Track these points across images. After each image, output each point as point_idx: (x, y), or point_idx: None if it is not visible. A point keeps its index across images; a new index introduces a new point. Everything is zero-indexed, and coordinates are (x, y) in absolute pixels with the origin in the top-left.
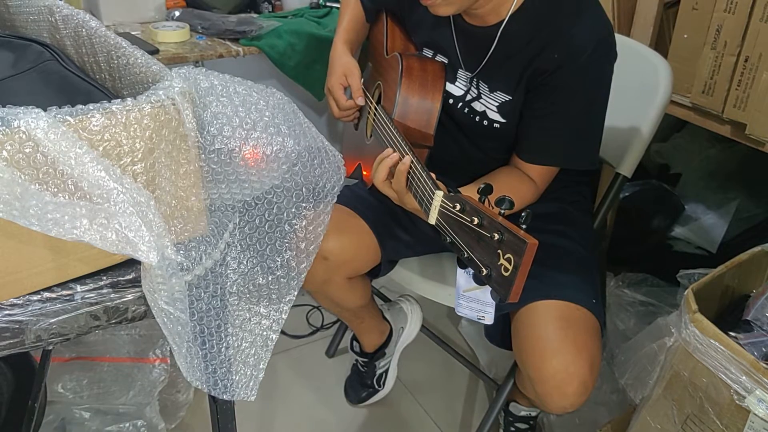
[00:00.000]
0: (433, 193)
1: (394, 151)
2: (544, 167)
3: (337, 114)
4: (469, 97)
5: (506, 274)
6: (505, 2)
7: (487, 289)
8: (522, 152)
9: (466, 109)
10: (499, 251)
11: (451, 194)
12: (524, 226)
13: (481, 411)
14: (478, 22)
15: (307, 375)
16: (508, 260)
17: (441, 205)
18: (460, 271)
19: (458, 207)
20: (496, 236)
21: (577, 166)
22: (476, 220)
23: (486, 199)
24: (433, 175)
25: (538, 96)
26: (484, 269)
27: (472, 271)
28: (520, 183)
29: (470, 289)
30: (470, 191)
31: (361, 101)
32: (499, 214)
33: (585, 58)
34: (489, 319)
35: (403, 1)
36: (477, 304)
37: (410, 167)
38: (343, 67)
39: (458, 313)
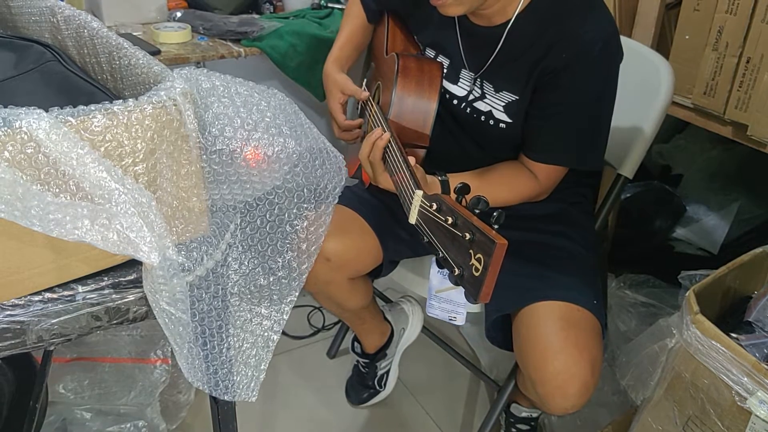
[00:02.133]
0: (414, 193)
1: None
2: (552, 166)
3: (337, 134)
4: (471, 97)
5: (477, 274)
6: (512, 2)
7: (461, 290)
8: (530, 151)
9: (469, 109)
10: (471, 251)
11: (431, 194)
12: (496, 226)
13: (483, 412)
14: (483, 22)
15: (308, 376)
16: (479, 260)
17: (420, 205)
18: (433, 272)
19: (435, 207)
20: (468, 236)
21: (584, 165)
22: (450, 220)
23: (463, 199)
24: (418, 175)
25: (546, 95)
26: (456, 269)
27: (447, 272)
28: (520, 175)
29: (443, 290)
30: (462, 179)
31: (365, 94)
32: (474, 213)
33: (593, 56)
34: (460, 320)
35: (408, 1)
36: (449, 304)
37: (396, 165)
38: (336, 84)
39: (428, 314)
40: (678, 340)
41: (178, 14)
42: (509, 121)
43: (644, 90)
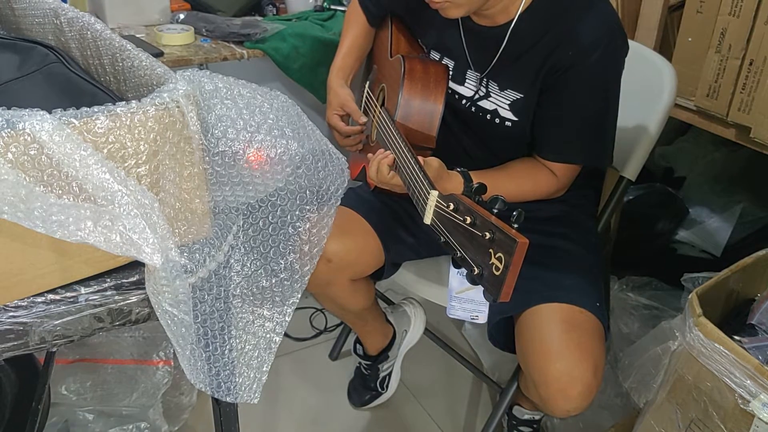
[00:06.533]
0: (429, 194)
1: (392, 153)
2: (567, 165)
3: (341, 142)
4: (477, 97)
5: (497, 273)
6: (515, 1)
7: (481, 288)
8: (545, 152)
9: (474, 108)
10: (491, 250)
11: (446, 194)
12: (516, 225)
13: (485, 414)
14: (486, 22)
15: (311, 378)
16: (499, 259)
17: (436, 205)
18: (452, 273)
19: (452, 206)
20: (488, 235)
21: (597, 162)
22: (469, 220)
23: (479, 199)
24: (432, 173)
25: (555, 93)
26: (476, 268)
27: (465, 272)
28: (540, 170)
29: (463, 291)
30: (482, 176)
31: (363, 119)
32: (492, 213)
33: (599, 53)
34: (483, 318)
35: (411, 4)
36: (470, 304)
37: (407, 167)
38: (338, 99)
39: (450, 315)
40: (681, 343)
41: (181, 16)
42: (515, 119)
43: (647, 92)
